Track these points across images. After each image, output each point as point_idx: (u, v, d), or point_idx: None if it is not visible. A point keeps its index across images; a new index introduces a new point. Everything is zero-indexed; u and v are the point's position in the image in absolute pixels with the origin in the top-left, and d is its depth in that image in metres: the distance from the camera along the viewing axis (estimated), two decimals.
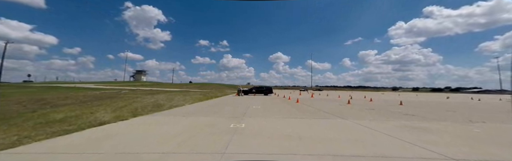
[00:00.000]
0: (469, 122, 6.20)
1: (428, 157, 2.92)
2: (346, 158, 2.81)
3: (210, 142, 3.56)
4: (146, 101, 11.31)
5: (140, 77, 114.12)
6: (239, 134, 4.10)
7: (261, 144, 3.44)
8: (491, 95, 54.47)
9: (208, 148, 3.19)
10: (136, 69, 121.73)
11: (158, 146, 3.26)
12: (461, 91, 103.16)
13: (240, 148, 3.22)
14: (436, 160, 2.80)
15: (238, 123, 5.37)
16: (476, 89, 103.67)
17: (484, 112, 9.68)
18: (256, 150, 3.10)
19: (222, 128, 4.70)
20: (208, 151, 3.02)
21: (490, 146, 3.56)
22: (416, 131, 4.79)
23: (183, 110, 8.35)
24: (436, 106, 12.43)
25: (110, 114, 6.33)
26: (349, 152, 3.03)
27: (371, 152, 3.08)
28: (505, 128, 5.38)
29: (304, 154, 2.96)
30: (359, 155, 2.93)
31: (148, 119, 5.98)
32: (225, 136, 3.93)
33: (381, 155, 2.95)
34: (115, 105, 9.00)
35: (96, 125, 4.75)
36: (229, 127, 4.90)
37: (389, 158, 2.84)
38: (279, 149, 3.14)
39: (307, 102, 14.18)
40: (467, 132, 4.78)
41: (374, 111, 9.08)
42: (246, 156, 2.84)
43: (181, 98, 14.19)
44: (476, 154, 3.08)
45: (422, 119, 6.82)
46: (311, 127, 5.10)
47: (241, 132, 4.33)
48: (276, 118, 6.60)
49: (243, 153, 2.96)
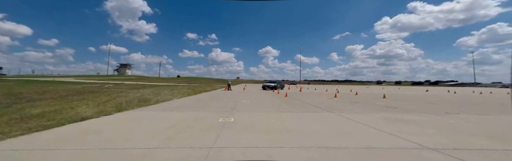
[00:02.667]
0: (446, 114, 6.63)
1: (407, 146, 3.09)
2: (332, 149, 2.91)
3: (198, 136, 3.53)
4: (131, 95, 10.94)
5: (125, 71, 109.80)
6: (228, 129, 4.11)
7: (250, 138, 3.47)
8: (466, 87, 58.44)
9: (196, 142, 3.17)
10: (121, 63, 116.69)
11: (145, 141, 3.19)
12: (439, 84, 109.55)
13: (229, 141, 3.22)
14: (413, 149, 2.98)
15: (227, 117, 5.36)
16: (452, 82, 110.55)
17: (459, 103, 10.38)
18: (244, 144, 3.12)
19: (211, 123, 4.68)
20: (196, 146, 2.99)
21: (462, 135, 3.84)
22: (397, 122, 5.04)
23: (170, 104, 8.19)
24: (416, 99, 13.13)
25: (93, 109, 6.07)
26: (335, 144, 3.14)
27: (355, 143, 3.21)
28: (476, 118, 5.82)
29: (292, 146, 3.03)
30: (343, 146, 3.04)
31: (134, 114, 5.81)
32: (213, 131, 3.92)
33: (364, 146, 3.08)
34: (98, 100, 8.62)
35: (78, 121, 4.54)
36: (218, 121, 4.88)
37: (372, 149, 2.97)
38: (267, 143, 3.19)
39: (296, 96, 14.42)
40: (443, 123, 5.11)
41: (359, 104, 9.43)
42: (234, 150, 2.85)
43: (169, 93, 13.88)
44: (450, 142, 3.31)
45: (404, 111, 7.20)
46: (299, 121, 5.21)
47: (230, 126, 4.34)
48: (264, 112, 6.66)
49: (231, 147, 2.97)
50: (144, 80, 60.39)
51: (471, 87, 67.13)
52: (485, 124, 5.05)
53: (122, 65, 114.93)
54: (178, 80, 69.15)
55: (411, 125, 4.73)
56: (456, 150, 2.94)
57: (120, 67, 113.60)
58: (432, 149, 2.99)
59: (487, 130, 4.42)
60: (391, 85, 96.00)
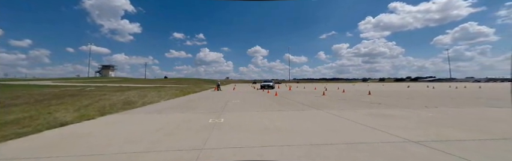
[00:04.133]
0: (425, 108, 7.01)
1: (392, 140, 3.23)
2: (320, 146, 2.97)
3: (188, 138, 3.46)
4: (115, 98, 10.49)
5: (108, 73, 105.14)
6: (218, 129, 4.06)
7: (240, 138, 3.45)
8: (443, 83, 62.20)
9: (185, 144, 3.10)
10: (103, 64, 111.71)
11: (130, 145, 3.07)
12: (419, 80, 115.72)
13: (219, 142, 3.19)
14: (397, 143, 3.12)
15: (217, 118, 5.30)
16: (431, 78, 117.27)
17: (437, 98, 11.02)
18: (235, 144, 3.10)
19: (200, 124, 4.60)
20: (185, 148, 2.93)
21: (440, 127, 4.08)
22: (381, 118, 5.26)
23: (157, 106, 7.95)
24: (398, 95, 13.77)
25: (73, 113, 5.74)
26: (324, 141, 3.21)
27: (342, 139, 3.30)
28: (452, 111, 6.21)
29: (282, 145, 3.05)
30: (332, 143, 3.12)
31: (119, 117, 5.57)
32: (203, 132, 3.86)
33: (351, 142, 3.18)
34: (78, 103, 8.18)
35: (57, 126, 4.28)
36: (207, 122, 4.82)
37: (358, 144, 3.08)
38: (258, 142, 3.19)
39: (285, 95, 14.57)
40: (422, 117, 5.40)
41: (346, 101, 9.72)
42: (225, 150, 2.83)
43: (156, 94, 13.48)
44: (428, 135, 3.50)
45: (387, 106, 7.52)
46: (289, 119, 5.27)
47: (220, 127, 4.29)
48: (255, 111, 6.66)
49: (221, 148, 2.94)
50: (129, 81, 58.15)
51: (447, 82, 71.52)
52: (461, 117, 5.40)
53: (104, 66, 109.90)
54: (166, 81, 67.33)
55: (394, 120, 4.95)
56: (436, 142, 3.12)
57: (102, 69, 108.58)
58: (414, 142, 3.14)
59: (462, 122, 4.73)
60: (376, 82, 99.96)
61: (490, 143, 3.07)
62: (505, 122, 4.68)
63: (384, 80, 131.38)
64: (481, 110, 6.61)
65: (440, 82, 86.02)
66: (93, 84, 39.05)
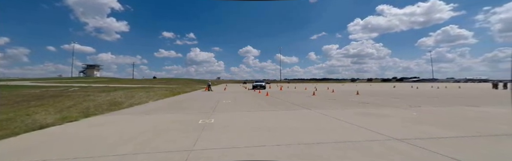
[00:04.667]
0: (409, 107, 7.31)
1: (378, 138, 3.34)
2: (310, 145, 3.02)
3: (177, 139, 3.39)
4: (101, 99, 10.11)
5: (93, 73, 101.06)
6: (208, 130, 4.02)
7: (231, 138, 3.44)
8: (426, 83, 65.14)
9: (174, 146, 3.04)
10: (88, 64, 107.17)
11: (116, 147, 2.97)
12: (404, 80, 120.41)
13: (209, 143, 3.15)
14: (382, 141, 3.23)
15: (207, 119, 5.25)
16: (415, 78, 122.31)
17: (420, 97, 11.53)
18: (226, 144, 3.08)
19: (190, 125, 4.53)
20: (174, 149, 2.87)
21: (423, 126, 4.27)
22: (368, 117, 5.42)
23: (145, 107, 7.74)
24: (385, 94, 14.26)
25: (54, 115, 5.47)
26: (313, 140, 3.26)
27: (331, 138, 3.38)
28: (434, 110, 6.52)
29: (273, 144, 3.07)
30: (321, 142, 3.18)
31: (104, 119, 5.37)
32: (193, 133, 3.80)
33: (340, 140, 3.26)
34: (60, 105, 7.80)
35: (36, 129, 4.06)
36: (197, 123, 4.75)
37: (346, 142, 3.16)
38: (249, 142, 3.19)
39: (276, 95, 14.66)
40: (407, 115, 5.63)
41: (335, 101, 9.93)
42: (215, 151, 2.80)
43: (144, 95, 13.12)
44: (412, 133, 3.66)
45: (374, 106, 7.76)
46: (279, 119, 5.31)
47: (210, 128, 4.25)
48: (246, 111, 6.65)
49: (212, 148, 2.91)
50: (116, 82, 56.23)
51: (430, 83, 74.92)
52: (442, 115, 5.68)
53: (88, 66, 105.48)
54: (155, 81, 65.72)
55: (380, 119, 5.13)
56: (418, 139, 3.26)
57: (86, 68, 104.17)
58: (398, 139, 3.27)
59: (443, 120, 4.98)
60: (364, 82, 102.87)
61: (468, 140, 3.26)
62: (482, 120, 4.97)
63: (371, 80, 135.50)
64: (460, 109, 6.99)
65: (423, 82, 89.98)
66: (77, 84, 37.40)
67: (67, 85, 33.78)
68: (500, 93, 15.42)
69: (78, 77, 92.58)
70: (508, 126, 4.25)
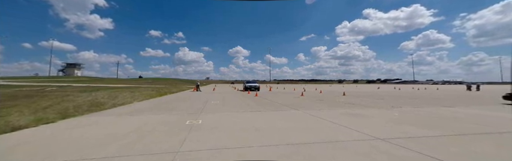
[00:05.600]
0: (392, 108, 7.64)
1: (362, 138, 3.46)
2: (298, 146, 3.06)
3: (163, 141, 3.30)
4: (81, 99, 9.60)
5: (73, 72, 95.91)
6: (196, 131, 3.95)
7: (219, 139, 3.40)
8: (407, 85, 68.43)
9: (160, 147, 2.95)
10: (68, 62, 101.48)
11: (98, 150, 2.83)
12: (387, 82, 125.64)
13: (197, 144, 3.10)
14: (366, 140, 3.35)
15: (195, 120, 5.15)
16: (398, 80, 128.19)
17: (402, 98, 12.09)
18: (213, 145, 3.04)
19: (177, 126, 4.43)
20: (160, 151, 2.79)
21: (404, 125, 4.48)
22: (354, 117, 5.60)
23: (130, 108, 7.46)
24: (369, 95, 14.79)
25: (28, 116, 5.11)
26: (300, 140, 3.31)
27: (318, 138, 3.44)
28: (415, 111, 6.86)
29: (261, 145, 3.08)
30: (309, 142, 3.23)
31: (84, 120, 5.10)
32: (180, 134, 3.72)
33: (327, 140, 3.33)
34: (35, 105, 7.31)
35: (7, 131, 3.78)
36: (185, 124, 4.65)
37: (332, 142, 3.23)
38: (237, 143, 3.17)
39: (265, 95, 14.72)
40: (389, 116, 5.88)
41: (323, 101, 10.15)
42: (202, 152, 2.76)
43: (129, 95, 12.64)
44: (394, 132, 3.82)
45: (359, 106, 8.03)
46: (268, 119, 5.33)
47: (197, 128, 4.18)
48: (234, 112, 6.61)
49: (199, 150, 2.86)
50: (99, 81, 53.75)
51: (411, 84, 78.78)
52: (421, 115, 5.99)
53: (69, 64, 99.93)
54: (141, 81, 63.57)
55: (365, 119, 5.31)
56: (399, 139, 3.41)
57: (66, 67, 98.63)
58: (381, 139, 3.40)
59: (422, 120, 5.25)
60: (350, 83, 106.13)
61: (443, 139, 3.46)
62: (457, 120, 5.30)
63: (357, 81, 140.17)
64: (437, 109, 7.41)
65: (405, 83, 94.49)
66: (55, 84, 35.28)
67: (44, 85, 31.75)
68: (473, 95, 16.54)
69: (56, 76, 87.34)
70: (478, 125, 4.57)
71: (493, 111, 6.91)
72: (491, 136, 3.71)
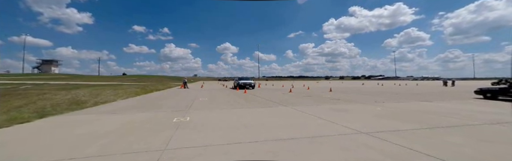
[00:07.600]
0: (375, 103, 7.97)
1: (347, 132, 3.58)
2: (285, 141, 3.11)
3: (148, 139, 3.21)
4: (59, 97, 9.06)
5: (50, 69, 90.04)
6: (183, 129, 3.88)
7: (207, 136, 3.37)
8: (390, 81, 71.68)
9: (145, 146, 2.87)
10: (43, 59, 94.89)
11: (78, 149, 2.69)
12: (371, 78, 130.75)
13: (184, 142, 3.05)
14: (350, 134, 3.48)
15: (182, 117, 5.06)
16: (381, 76, 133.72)
17: (384, 94, 12.65)
18: (201, 143, 3.01)
19: (164, 124, 4.33)
20: (144, 150, 2.71)
21: (386, 120, 4.70)
22: (339, 112, 5.78)
23: (113, 106, 7.17)
24: (354, 91, 15.32)
25: (0, 116, 4.75)
26: (289, 136, 3.37)
27: (305, 133, 3.52)
28: (396, 105, 7.21)
29: (249, 141, 3.09)
30: (295, 137, 3.30)
31: (64, 119, 4.84)
32: (166, 132, 3.64)
33: (313, 135, 3.41)
34: (7, 105, 6.80)
35: None
36: (172, 121, 4.56)
37: (318, 137, 3.32)
38: (225, 140, 3.16)
39: (254, 92, 14.75)
40: (372, 111, 6.13)
41: (310, 97, 10.36)
42: (189, 150, 2.72)
43: (112, 93, 12.11)
44: (376, 126, 4.00)
45: (345, 102, 8.29)
46: (256, 116, 5.36)
47: (185, 126, 4.11)
48: (222, 109, 6.57)
49: (186, 147, 2.82)
50: (79, 79, 50.98)
51: (393, 80, 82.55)
52: (402, 110, 6.31)
53: (44, 61, 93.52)
54: (125, 78, 61.04)
55: (350, 114, 5.50)
56: (380, 132, 3.58)
57: (42, 64, 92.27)
58: (364, 133, 3.55)
59: (402, 114, 5.54)
60: (336, 80, 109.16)
61: (422, 132, 3.67)
62: (435, 113, 5.65)
63: (343, 78, 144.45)
64: (417, 104, 7.84)
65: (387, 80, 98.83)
66: (30, 81, 32.93)
67: (18, 83, 29.54)
68: (448, 90, 17.67)
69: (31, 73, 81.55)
70: (454, 119, 4.90)
71: (465, 105, 7.45)
72: (463, 128, 3.99)
